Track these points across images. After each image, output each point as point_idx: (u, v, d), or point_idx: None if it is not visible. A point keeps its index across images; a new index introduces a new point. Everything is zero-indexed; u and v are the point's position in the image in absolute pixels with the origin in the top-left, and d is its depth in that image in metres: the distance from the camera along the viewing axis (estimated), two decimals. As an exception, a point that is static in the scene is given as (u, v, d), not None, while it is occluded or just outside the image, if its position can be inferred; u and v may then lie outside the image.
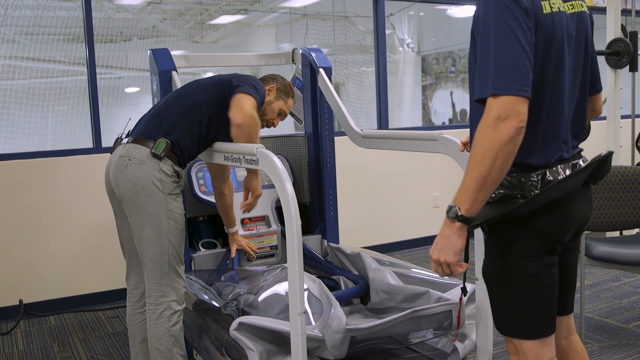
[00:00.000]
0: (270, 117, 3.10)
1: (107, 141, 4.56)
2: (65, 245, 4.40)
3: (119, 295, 4.56)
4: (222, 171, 3.08)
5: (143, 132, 2.67)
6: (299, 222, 2.09)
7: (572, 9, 1.78)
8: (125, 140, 2.72)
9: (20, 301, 4.28)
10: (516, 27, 1.59)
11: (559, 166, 1.75)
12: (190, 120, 2.69)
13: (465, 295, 2.00)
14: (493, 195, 1.71)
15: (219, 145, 2.72)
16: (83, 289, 4.49)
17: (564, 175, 1.73)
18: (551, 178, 1.72)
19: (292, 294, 2.12)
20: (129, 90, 5.48)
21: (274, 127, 3.17)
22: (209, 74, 6.31)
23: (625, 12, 5.45)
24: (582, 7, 1.82)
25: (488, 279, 1.83)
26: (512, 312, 1.78)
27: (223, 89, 2.74)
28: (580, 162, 1.81)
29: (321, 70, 3.50)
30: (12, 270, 4.27)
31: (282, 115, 3.15)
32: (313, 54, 3.60)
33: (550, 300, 1.78)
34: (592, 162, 1.76)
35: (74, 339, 3.88)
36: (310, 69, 3.61)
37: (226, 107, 2.65)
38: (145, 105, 5.88)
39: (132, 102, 5.68)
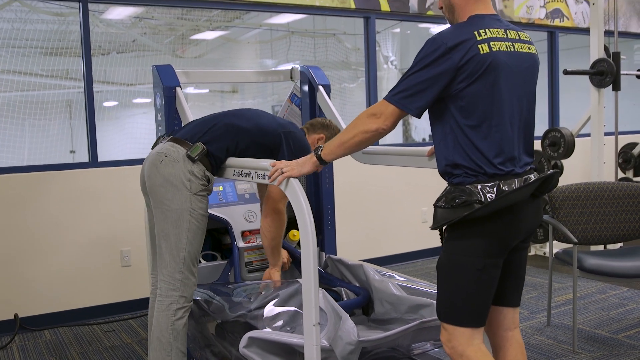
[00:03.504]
0: None
1: (95, 155, 4.57)
2: (60, 259, 4.41)
3: (115, 309, 4.57)
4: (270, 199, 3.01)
5: (186, 135, 2.81)
6: (315, 237, 2.16)
7: (520, 49, 2.13)
8: (167, 139, 2.85)
9: (16, 315, 4.27)
10: (431, 64, 2.01)
11: (514, 179, 2.06)
12: (231, 139, 2.80)
13: None
14: (456, 200, 2.04)
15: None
16: (78, 303, 4.49)
17: (515, 187, 2.04)
18: (506, 188, 2.03)
19: (307, 305, 2.18)
20: (107, 104, 5.52)
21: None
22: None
23: (608, 33, 5.63)
24: (530, 49, 2.18)
25: (439, 271, 2.16)
26: (454, 302, 2.12)
27: (274, 140, 2.89)
28: (532, 176, 2.12)
29: (320, 87, 3.59)
30: (7, 284, 4.27)
31: None
32: (312, 72, 3.68)
33: (487, 296, 2.12)
34: (539, 178, 2.10)
35: (71, 353, 3.89)
36: (309, 86, 3.69)
37: (266, 149, 2.84)
38: (126, 119, 5.93)
39: (111, 115, 5.71)
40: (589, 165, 5.65)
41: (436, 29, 6.70)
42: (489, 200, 2.00)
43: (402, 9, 5.82)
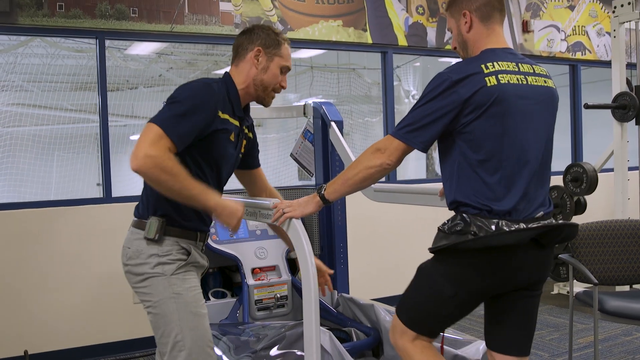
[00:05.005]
0: (273, 84, 2.41)
1: (115, 191, 4.57)
2: (71, 295, 4.38)
3: (125, 346, 4.51)
4: (250, 180, 2.71)
5: (136, 210, 2.35)
6: (316, 279, 2.11)
7: (534, 82, 2.09)
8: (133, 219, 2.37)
9: (26, 352, 4.23)
10: (438, 98, 1.99)
11: (521, 221, 1.99)
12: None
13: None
14: (456, 228, 2.02)
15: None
16: (89, 340, 4.44)
17: (514, 228, 1.97)
18: (505, 228, 1.97)
19: (307, 348, 2.12)
20: (134, 137, 5.55)
21: (284, 88, 2.48)
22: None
23: (631, 66, 5.54)
24: (546, 82, 2.13)
25: (417, 274, 2.17)
26: (413, 307, 2.16)
27: None
28: (541, 222, 2.03)
29: (333, 123, 3.54)
30: (17, 320, 4.24)
31: (284, 71, 2.44)
32: (324, 107, 3.64)
33: (445, 321, 2.17)
34: (543, 225, 2.01)
35: (80, 391, 3.83)
36: (322, 122, 3.64)
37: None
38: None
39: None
40: (612, 202, 5.50)
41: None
42: (480, 235, 1.97)
43: (420, 44, 5.79)
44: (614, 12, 5.35)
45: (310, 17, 5.24)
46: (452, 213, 2.10)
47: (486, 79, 1.99)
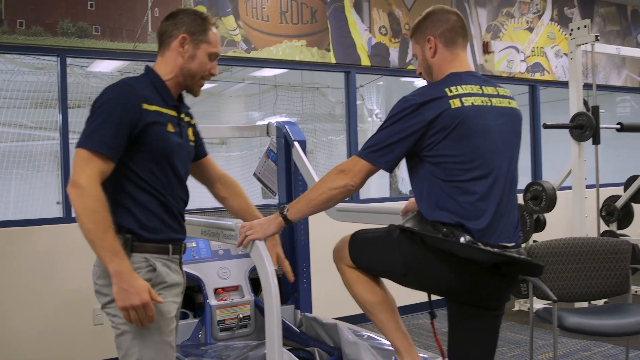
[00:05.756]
0: (201, 72, 2.26)
1: (69, 210, 4.50)
2: (31, 317, 4.29)
3: (85, 368, 4.44)
4: (201, 171, 2.55)
5: None
6: (279, 302, 2.10)
7: (499, 103, 2.15)
8: None
9: (-18, 376, 4.13)
10: (402, 120, 2.05)
11: (489, 245, 2.03)
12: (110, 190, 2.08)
13: (434, 318, 2.36)
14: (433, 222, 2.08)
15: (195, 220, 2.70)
16: (48, 363, 4.35)
17: (480, 247, 2.01)
18: (477, 245, 2.01)
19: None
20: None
21: (214, 75, 2.32)
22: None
23: (587, 87, 5.68)
24: (510, 103, 2.21)
25: (387, 231, 2.25)
26: (367, 257, 2.31)
27: None
28: (507, 251, 2.06)
29: (296, 143, 3.56)
30: (-26, 343, 4.14)
31: (213, 57, 2.27)
32: (287, 127, 3.66)
33: (389, 279, 2.28)
34: (508, 255, 2.03)
35: (37, 416, 3.75)
36: (285, 142, 3.66)
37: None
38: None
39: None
40: (571, 219, 5.61)
41: (419, 82, 6.75)
42: (450, 238, 2.03)
43: (383, 63, 5.86)
44: (571, 34, 5.49)
45: (274, 37, 5.27)
46: None
47: (450, 101, 2.05)
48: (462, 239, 2.01)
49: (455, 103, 2.05)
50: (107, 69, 5.37)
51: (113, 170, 2.04)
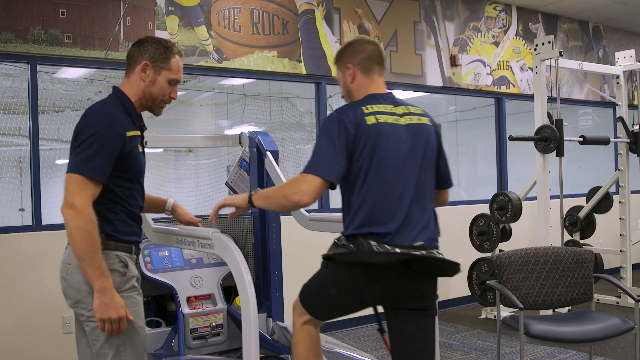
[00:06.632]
0: (161, 96, 2.48)
1: (44, 218, 4.46)
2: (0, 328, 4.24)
3: (53, 378, 4.39)
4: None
5: None
6: (255, 309, 2.13)
7: (409, 121, 2.39)
8: None
9: (-53, 387, 4.07)
10: (335, 135, 2.26)
11: (398, 246, 2.24)
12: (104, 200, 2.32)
13: (383, 334, 2.56)
14: (341, 240, 2.35)
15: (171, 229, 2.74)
16: (15, 373, 4.30)
17: (381, 250, 2.23)
18: (375, 249, 2.23)
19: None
20: (60, 162, 5.45)
21: (174, 99, 2.55)
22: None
23: (551, 100, 5.83)
24: (421, 120, 2.43)
25: (321, 268, 2.47)
26: (310, 296, 2.50)
27: None
28: (422, 252, 2.29)
29: (268, 153, 3.60)
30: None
31: (173, 83, 2.49)
32: (260, 137, 3.70)
33: (335, 313, 2.52)
34: (410, 253, 2.25)
35: None
36: (258, 152, 3.69)
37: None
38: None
39: (63, 174, 5.62)
40: (536, 229, 5.74)
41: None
42: (354, 251, 2.27)
43: (353, 75, 5.92)
44: (535, 49, 5.64)
45: (246, 48, 5.31)
46: None
47: (365, 118, 2.31)
48: (365, 246, 2.23)
49: (371, 119, 2.31)
50: (74, 75, 5.34)
51: None
